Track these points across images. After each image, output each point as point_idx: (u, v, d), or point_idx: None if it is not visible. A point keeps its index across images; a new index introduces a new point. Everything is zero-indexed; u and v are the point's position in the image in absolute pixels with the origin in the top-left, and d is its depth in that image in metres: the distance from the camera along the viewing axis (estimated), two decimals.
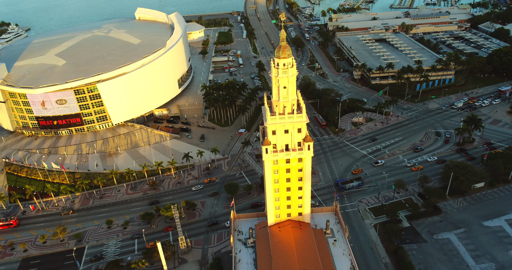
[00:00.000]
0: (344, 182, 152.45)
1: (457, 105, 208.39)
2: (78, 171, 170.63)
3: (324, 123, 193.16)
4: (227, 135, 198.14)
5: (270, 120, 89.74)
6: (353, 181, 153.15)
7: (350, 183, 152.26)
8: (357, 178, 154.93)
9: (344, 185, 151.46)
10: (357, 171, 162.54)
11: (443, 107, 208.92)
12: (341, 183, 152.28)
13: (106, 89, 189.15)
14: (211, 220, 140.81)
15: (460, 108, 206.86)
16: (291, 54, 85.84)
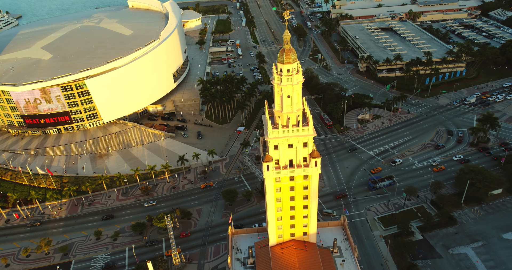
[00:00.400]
0: (374, 181, 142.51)
1: (469, 101, 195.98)
2: (66, 175, 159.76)
3: (330, 123, 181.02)
4: (225, 133, 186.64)
5: (272, 134, 78.13)
6: (384, 180, 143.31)
7: (381, 182, 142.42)
8: (388, 177, 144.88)
9: (374, 185, 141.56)
10: (375, 170, 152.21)
11: (454, 102, 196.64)
12: (371, 181, 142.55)
13: (96, 86, 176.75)
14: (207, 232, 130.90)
15: (473, 103, 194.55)
16: (296, 58, 73.70)
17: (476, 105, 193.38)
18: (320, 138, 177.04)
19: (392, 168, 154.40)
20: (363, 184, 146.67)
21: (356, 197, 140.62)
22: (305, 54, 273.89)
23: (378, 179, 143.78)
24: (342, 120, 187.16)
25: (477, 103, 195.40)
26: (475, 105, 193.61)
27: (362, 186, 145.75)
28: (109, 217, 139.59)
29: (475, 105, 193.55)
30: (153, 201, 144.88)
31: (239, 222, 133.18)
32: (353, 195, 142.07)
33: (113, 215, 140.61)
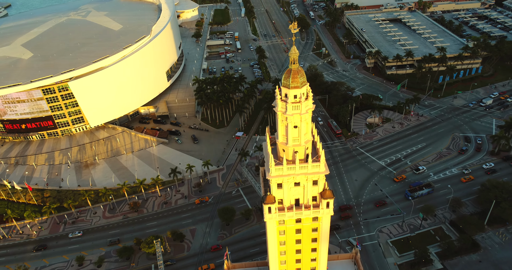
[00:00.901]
0: (412, 190, 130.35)
1: (485, 103, 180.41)
2: (47, 189, 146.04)
3: (339, 132, 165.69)
4: (223, 139, 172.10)
5: (274, 172, 63.76)
6: (422, 188, 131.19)
7: (419, 190, 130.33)
8: (427, 185, 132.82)
9: (412, 194, 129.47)
10: (399, 178, 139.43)
11: (470, 104, 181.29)
12: (408, 190, 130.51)
13: (80, 88, 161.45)
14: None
15: (489, 106, 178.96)
16: (305, 80, 58.92)
17: (493, 107, 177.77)
18: (326, 145, 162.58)
19: (416, 175, 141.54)
20: (373, 200, 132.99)
21: (367, 217, 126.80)
22: (308, 48, 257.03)
23: (417, 187, 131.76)
24: (349, 124, 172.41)
25: (494, 105, 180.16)
26: (490, 107, 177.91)
27: (372, 203, 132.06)
28: (41, 247, 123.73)
29: (491, 107, 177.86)
30: (79, 232, 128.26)
31: (238, 245, 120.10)
32: (363, 213, 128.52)
33: (45, 246, 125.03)
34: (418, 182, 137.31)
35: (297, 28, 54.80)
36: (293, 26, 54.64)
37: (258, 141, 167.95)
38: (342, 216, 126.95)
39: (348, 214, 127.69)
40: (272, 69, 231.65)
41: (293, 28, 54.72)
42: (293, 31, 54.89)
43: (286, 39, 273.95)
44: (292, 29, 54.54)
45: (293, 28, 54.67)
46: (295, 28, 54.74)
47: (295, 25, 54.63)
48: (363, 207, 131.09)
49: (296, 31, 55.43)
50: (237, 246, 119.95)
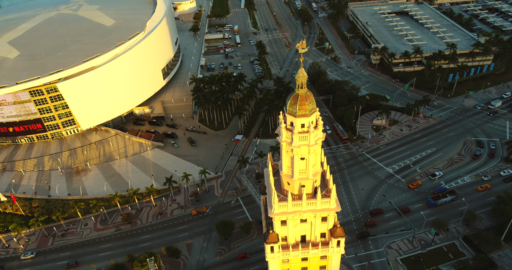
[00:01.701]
0: (435, 197, 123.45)
1: (494, 105, 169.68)
2: (36, 198, 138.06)
3: (345, 137, 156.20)
4: (221, 142, 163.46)
5: (278, 208, 55.51)
6: (446, 195, 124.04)
7: (442, 198, 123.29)
8: (451, 192, 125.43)
9: (436, 201, 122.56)
10: (415, 185, 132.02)
11: (478, 107, 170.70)
12: (431, 198, 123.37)
13: (70, 89, 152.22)
14: None
15: (493, 111, 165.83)
16: (315, 107, 50.17)
17: (497, 112, 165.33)
18: (330, 150, 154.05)
19: (432, 182, 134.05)
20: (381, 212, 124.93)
21: (375, 233, 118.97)
22: (310, 42, 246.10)
23: (440, 193, 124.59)
24: (355, 126, 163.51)
25: (505, 107, 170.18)
26: (494, 112, 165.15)
27: (380, 215, 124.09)
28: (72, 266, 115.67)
29: (495, 112, 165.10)
30: (31, 253, 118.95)
31: (237, 263, 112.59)
32: (370, 227, 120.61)
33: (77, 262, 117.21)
34: (442, 187, 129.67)
35: (306, 47, 45.68)
36: (301, 45, 45.57)
37: (258, 145, 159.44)
38: (367, 224, 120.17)
39: (373, 222, 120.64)
40: (273, 65, 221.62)
41: (301, 48, 45.61)
42: (301, 50, 45.87)
43: (288, 32, 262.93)
44: (300, 48, 45.48)
45: (301, 47, 45.56)
46: (303, 47, 45.63)
47: (304, 44, 45.57)
48: (370, 219, 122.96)
49: (305, 51, 46.34)
50: (237, 264, 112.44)
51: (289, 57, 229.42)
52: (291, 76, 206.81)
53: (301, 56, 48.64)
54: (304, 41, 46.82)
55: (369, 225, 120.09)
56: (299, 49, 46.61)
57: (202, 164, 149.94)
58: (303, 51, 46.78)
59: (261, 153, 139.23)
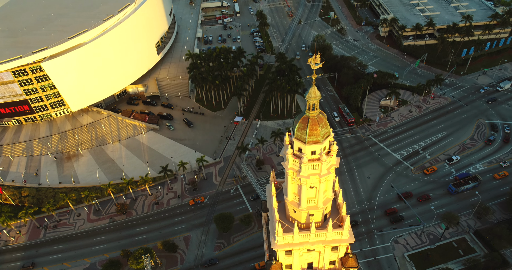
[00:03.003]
0: (457, 184, 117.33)
1: (503, 87, 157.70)
2: (25, 186, 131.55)
3: (351, 120, 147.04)
4: (220, 124, 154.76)
5: (282, 240, 48.12)
6: (468, 182, 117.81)
7: (464, 185, 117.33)
8: (473, 178, 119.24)
9: (457, 188, 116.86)
10: (430, 170, 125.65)
11: (482, 89, 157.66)
12: (453, 185, 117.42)
13: (56, 69, 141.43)
14: None
15: (492, 98, 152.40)
16: (329, 131, 41.63)
17: (496, 100, 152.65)
18: (335, 134, 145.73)
19: (448, 167, 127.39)
20: (388, 203, 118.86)
21: (381, 225, 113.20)
22: (314, 12, 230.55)
23: (462, 180, 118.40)
24: (361, 107, 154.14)
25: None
26: (494, 100, 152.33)
27: (387, 206, 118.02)
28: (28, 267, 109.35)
29: (494, 100, 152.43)
30: None
31: (237, 258, 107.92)
32: (377, 219, 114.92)
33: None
34: (465, 173, 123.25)
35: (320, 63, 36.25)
36: (314, 60, 36.06)
37: (259, 128, 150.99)
38: (388, 212, 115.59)
39: (394, 210, 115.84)
40: (275, 37, 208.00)
41: (314, 63, 36.14)
42: (314, 66, 36.41)
43: (290, 0, 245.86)
44: (313, 63, 36.05)
45: (314, 63, 36.09)
46: (316, 62, 36.15)
47: (317, 59, 36.10)
48: (377, 211, 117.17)
49: (318, 66, 36.93)
50: (236, 259, 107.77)
51: (292, 28, 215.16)
52: (293, 51, 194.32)
53: (314, 73, 39.11)
54: (317, 56, 37.33)
55: (390, 213, 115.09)
56: (311, 65, 37.22)
57: (199, 149, 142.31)
58: (316, 67, 37.39)
59: (262, 139, 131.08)
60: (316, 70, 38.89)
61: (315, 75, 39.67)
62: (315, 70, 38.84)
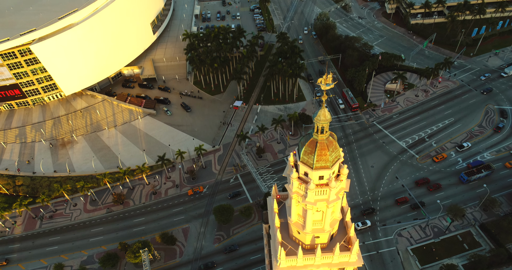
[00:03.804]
0: (469, 173, 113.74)
1: (508, 73, 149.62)
2: (19, 175, 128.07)
3: (355, 105, 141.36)
4: (219, 109, 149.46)
5: (284, 263, 44.47)
6: (481, 171, 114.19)
7: (477, 173, 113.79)
8: (486, 167, 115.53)
9: (469, 177, 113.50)
10: (440, 158, 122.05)
11: (483, 77, 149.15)
12: (465, 173, 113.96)
13: (46, 51, 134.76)
14: None
15: (487, 89, 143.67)
16: (339, 155, 36.76)
17: (491, 91, 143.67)
18: (337, 119, 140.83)
19: (454, 156, 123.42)
20: (393, 194, 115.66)
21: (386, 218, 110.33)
22: None
23: (475, 169, 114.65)
24: (365, 91, 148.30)
25: None
26: (489, 90, 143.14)
27: (391, 197, 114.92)
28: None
29: (490, 90, 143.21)
30: None
31: (236, 251, 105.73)
32: (380, 211, 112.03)
33: None
34: (478, 161, 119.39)
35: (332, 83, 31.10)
36: (326, 80, 30.88)
37: (259, 113, 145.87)
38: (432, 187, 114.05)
39: (405, 198, 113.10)
40: (276, 14, 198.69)
41: (325, 84, 30.98)
42: (324, 87, 31.33)
43: None
44: (323, 84, 30.88)
45: (325, 83, 30.92)
46: (328, 83, 31.00)
47: (329, 79, 30.90)
48: (381, 202, 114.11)
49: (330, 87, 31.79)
50: (235, 252, 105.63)
51: (294, 5, 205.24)
52: (295, 30, 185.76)
53: (324, 94, 33.88)
54: (329, 76, 32.09)
55: (401, 202, 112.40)
56: (321, 85, 32.04)
57: (198, 135, 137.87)
58: (327, 88, 32.26)
59: (262, 127, 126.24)
60: (318, 50, 33.90)
61: (326, 96, 34.42)
62: (326, 90, 33.80)
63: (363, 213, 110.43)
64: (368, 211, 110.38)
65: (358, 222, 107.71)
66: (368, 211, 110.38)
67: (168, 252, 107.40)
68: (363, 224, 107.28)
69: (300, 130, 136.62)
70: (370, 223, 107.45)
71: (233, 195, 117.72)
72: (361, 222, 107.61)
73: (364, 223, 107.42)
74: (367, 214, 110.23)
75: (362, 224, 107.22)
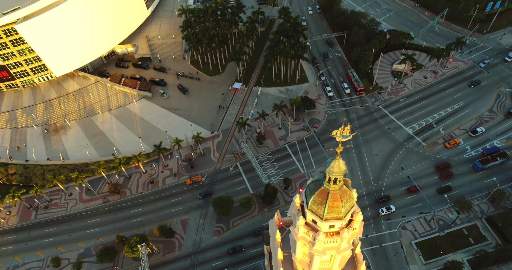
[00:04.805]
0: (484, 161, 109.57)
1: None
2: (12, 163, 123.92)
3: (360, 88, 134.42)
4: (217, 91, 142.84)
5: None
6: (496, 158, 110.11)
7: (492, 161, 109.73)
8: (502, 154, 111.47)
9: (484, 165, 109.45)
10: (452, 144, 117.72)
11: (482, 64, 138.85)
12: (479, 161, 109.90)
13: (32, 31, 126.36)
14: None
15: (475, 81, 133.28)
16: (353, 203, 31.65)
17: (479, 83, 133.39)
18: (342, 102, 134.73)
19: (462, 144, 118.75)
20: (398, 184, 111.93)
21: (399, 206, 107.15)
22: None
23: (490, 156, 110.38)
24: (371, 72, 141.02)
25: None
26: (477, 83, 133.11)
27: (396, 187, 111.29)
28: None
29: (477, 83, 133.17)
30: None
31: (236, 243, 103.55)
32: (384, 203, 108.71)
33: None
34: (494, 147, 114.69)
35: (350, 135, 25.66)
36: (342, 132, 25.40)
37: (260, 95, 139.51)
38: (444, 176, 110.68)
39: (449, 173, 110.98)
40: None
41: (341, 135, 25.54)
42: (340, 139, 25.91)
43: None
44: (339, 136, 25.43)
45: (341, 135, 25.47)
46: (345, 135, 25.55)
47: (347, 131, 25.42)
48: (384, 193, 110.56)
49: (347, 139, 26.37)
50: (235, 244, 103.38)
51: None
52: (298, 4, 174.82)
53: (339, 145, 28.38)
54: (347, 128, 26.49)
55: (413, 191, 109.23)
56: (336, 137, 26.58)
57: (196, 120, 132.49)
58: (343, 140, 26.87)
59: (263, 113, 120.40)
60: (322, 26, 28.47)
61: (341, 148, 28.93)
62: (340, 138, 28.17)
63: (377, 201, 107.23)
64: (383, 198, 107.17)
65: (383, 207, 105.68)
66: (383, 198, 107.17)
67: (167, 245, 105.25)
68: (388, 209, 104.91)
69: (302, 115, 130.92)
70: (394, 208, 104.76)
71: (204, 195, 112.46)
72: (386, 208, 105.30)
73: (388, 209, 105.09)
74: (381, 202, 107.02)
75: (387, 209, 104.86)
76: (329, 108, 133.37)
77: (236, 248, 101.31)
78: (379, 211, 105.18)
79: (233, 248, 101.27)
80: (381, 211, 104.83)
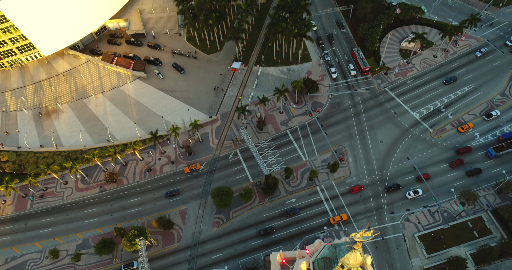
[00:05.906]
0: (498, 148, 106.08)
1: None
2: (4, 150, 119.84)
3: (366, 69, 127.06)
4: (215, 71, 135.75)
5: None
6: (511, 145, 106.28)
7: (507, 148, 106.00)
8: None
9: (498, 153, 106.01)
10: (465, 128, 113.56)
11: (478, 53, 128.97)
12: (493, 148, 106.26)
13: (13, 8, 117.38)
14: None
15: (454, 77, 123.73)
16: None
17: None
18: (346, 84, 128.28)
19: (486, 123, 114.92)
20: (402, 173, 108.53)
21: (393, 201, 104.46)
22: None
23: (505, 143, 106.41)
24: (378, 51, 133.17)
25: None
26: (453, 81, 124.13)
27: (401, 177, 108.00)
28: None
29: (454, 80, 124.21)
30: None
31: (237, 235, 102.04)
32: (388, 194, 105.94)
33: None
34: (510, 133, 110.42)
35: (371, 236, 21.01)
36: (364, 234, 20.49)
37: (260, 76, 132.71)
38: (454, 163, 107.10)
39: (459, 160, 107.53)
40: None
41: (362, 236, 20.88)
42: (359, 239, 21.27)
43: None
44: (360, 237, 20.75)
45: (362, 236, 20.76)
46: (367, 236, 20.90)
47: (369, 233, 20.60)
48: (388, 183, 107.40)
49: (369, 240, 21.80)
50: (236, 237, 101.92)
51: None
52: None
53: (358, 243, 23.69)
54: (370, 232, 21.38)
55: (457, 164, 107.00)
56: (356, 238, 21.92)
57: (193, 103, 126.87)
58: (364, 241, 22.27)
59: (264, 98, 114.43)
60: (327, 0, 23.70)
61: (359, 245, 24.31)
62: None
63: (387, 190, 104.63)
64: (393, 187, 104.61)
65: (410, 190, 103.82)
66: (393, 187, 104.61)
67: (166, 236, 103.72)
68: (415, 193, 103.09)
69: (305, 97, 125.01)
70: (421, 192, 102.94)
71: (170, 195, 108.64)
72: (413, 191, 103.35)
73: (415, 192, 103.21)
74: (391, 191, 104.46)
75: (414, 193, 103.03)
76: (332, 90, 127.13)
77: (268, 230, 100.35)
78: (406, 195, 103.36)
79: (264, 229, 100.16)
80: (407, 195, 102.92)
